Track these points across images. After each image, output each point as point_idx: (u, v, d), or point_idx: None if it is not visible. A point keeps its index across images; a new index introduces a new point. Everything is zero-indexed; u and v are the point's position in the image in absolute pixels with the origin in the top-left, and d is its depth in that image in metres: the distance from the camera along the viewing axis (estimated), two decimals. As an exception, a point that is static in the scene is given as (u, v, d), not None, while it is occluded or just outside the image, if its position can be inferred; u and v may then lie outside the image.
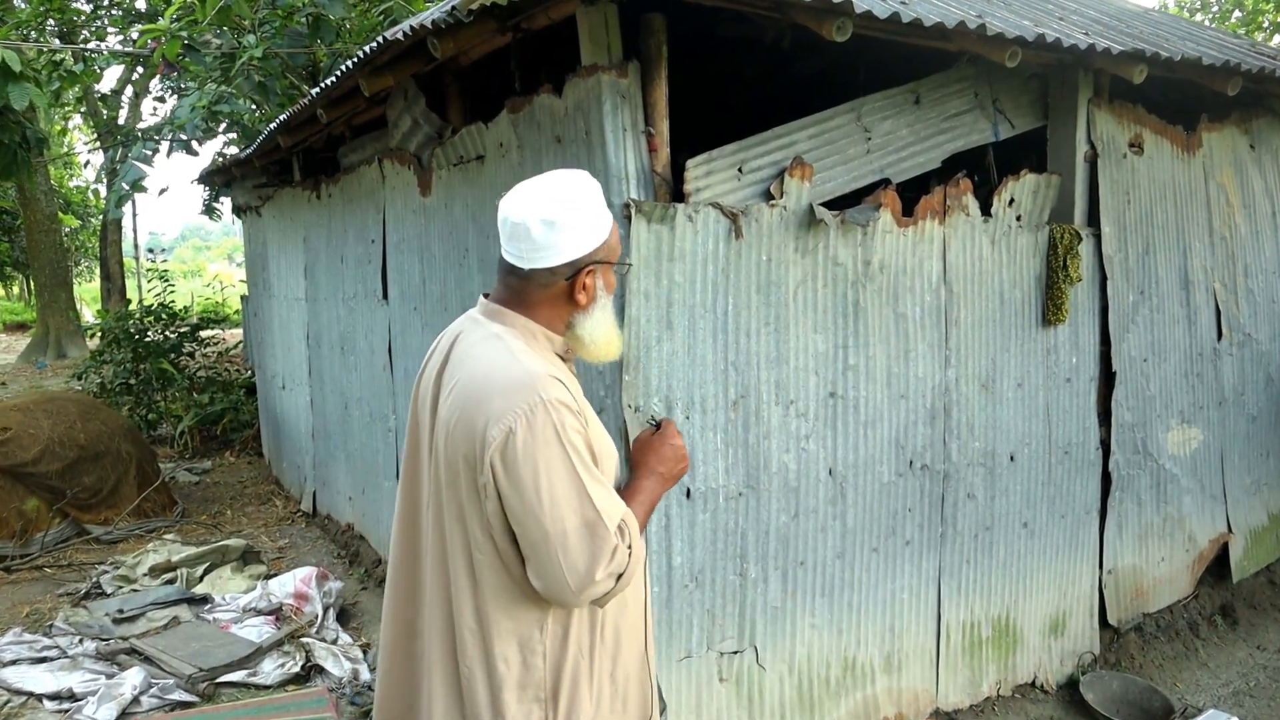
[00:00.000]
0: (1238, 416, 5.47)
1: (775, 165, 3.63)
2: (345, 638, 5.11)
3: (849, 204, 3.83)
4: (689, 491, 3.47)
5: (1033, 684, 4.56)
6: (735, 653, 3.63)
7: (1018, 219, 4.27)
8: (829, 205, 3.73)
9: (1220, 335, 5.29)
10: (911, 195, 4.00)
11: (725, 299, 3.49)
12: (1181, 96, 5.10)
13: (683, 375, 3.42)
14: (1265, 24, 15.46)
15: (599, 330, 2.07)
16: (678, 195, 3.44)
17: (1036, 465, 4.44)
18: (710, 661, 3.58)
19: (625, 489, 2.12)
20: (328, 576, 5.54)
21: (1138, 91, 4.67)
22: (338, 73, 4.56)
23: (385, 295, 5.60)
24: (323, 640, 4.94)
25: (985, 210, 4.17)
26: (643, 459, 2.19)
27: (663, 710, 3.41)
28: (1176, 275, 4.99)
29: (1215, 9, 16.54)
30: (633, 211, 3.29)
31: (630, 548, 1.93)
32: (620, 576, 1.91)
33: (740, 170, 3.57)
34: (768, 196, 3.58)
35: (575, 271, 2.01)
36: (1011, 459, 4.34)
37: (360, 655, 4.86)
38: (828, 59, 5.38)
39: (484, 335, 2.03)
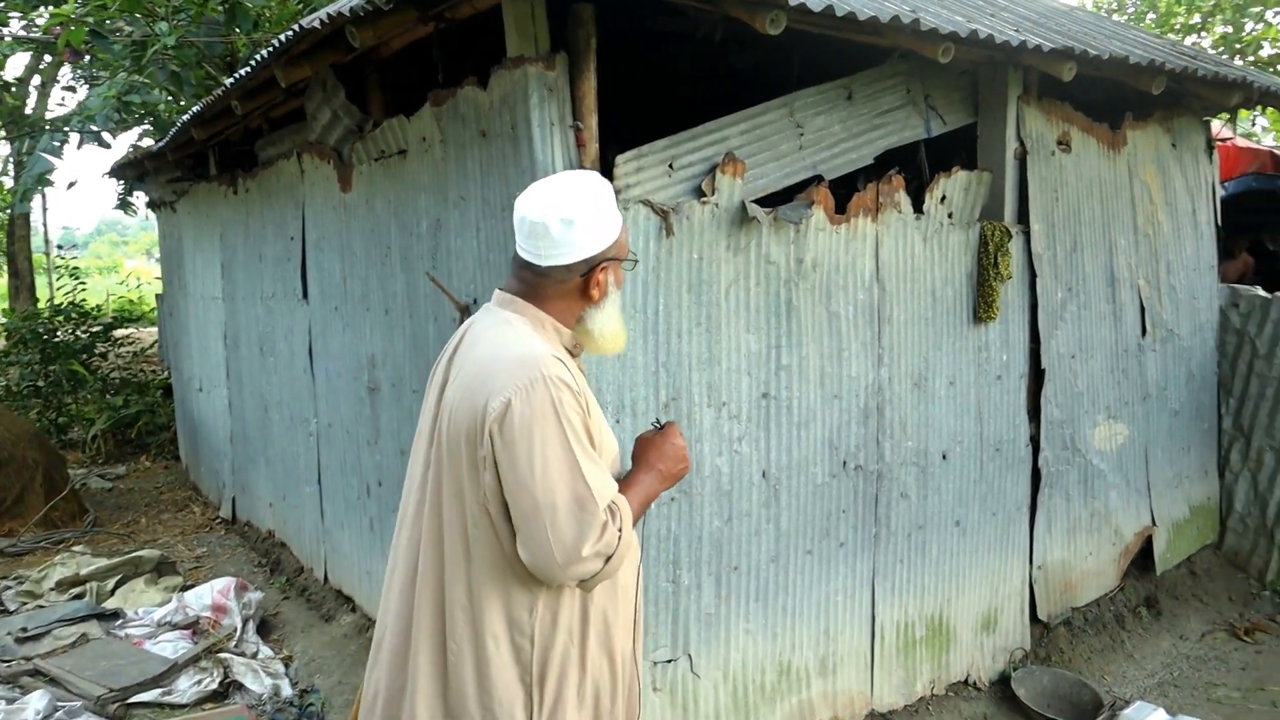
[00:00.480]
0: (1161, 411, 5.54)
1: (707, 161, 3.55)
2: (266, 651, 4.92)
3: (781, 201, 3.77)
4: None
5: (966, 682, 4.55)
6: (669, 661, 3.55)
7: (949, 216, 4.25)
8: (761, 202, 3.67)
9: (1144, 331, 5.35)
10: (844, 192, 3.95)
11: (656, 299, 3.41)
12: (1105, 95, 5.14)
13: (612, 378, 3.33)
14: (1178, 25, 15.85)
15: (609, 324, 2.15)
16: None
17: (969, 463, 4.43)
18: (643, 671, 3.49)
19: (623, 480, 2.14)
20: (247, 587, 5.34)
21: (1064, 90, 4.69)
22: (253, 62, 4.37)
23: (305, 294, 5.41)
24: (242, 655, 4.75)
25: (917, 207, 4.14)
26: (643, 456, 2.21)
27: None
28: (1103, 272, 5.03)
29: (1131, 10, 16.92)
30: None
31: (620, 530, 1.95)
32: (609, 559, 1.93)
33: (671, 166, 3.49)
34: (699, 193, 3.50)
35: (590, 269, 2.09)
36: (944, 457, 4.33)
37: (281, 669, 4.68)
38: (762, 53, 5.32)
39: (494, 321, 2.10)
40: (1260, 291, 6.01)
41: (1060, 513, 4.90)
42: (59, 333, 10.94)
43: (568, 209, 2.02)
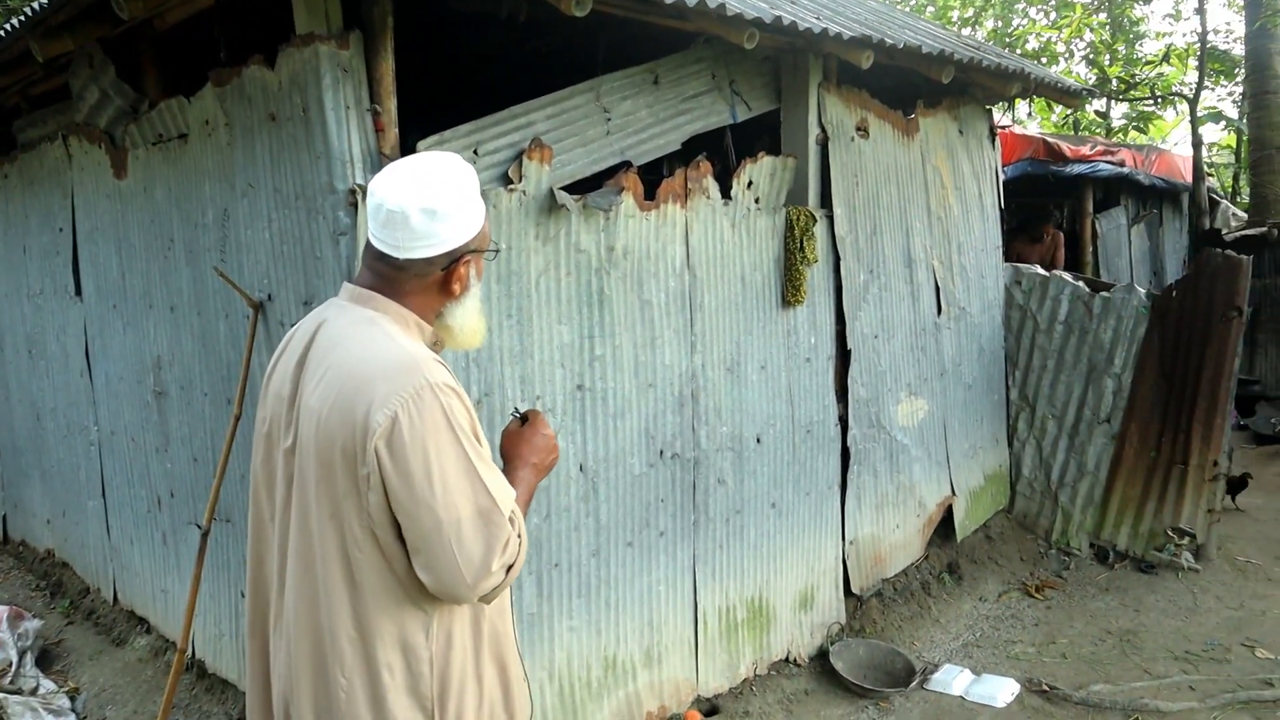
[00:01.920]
0: (956, 386, 5.81)
1: (513, 147, 3.44)
2: (48, 685, 4.49)
3: (591, 188, 3.69)
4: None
5: (787, 659, 4.64)
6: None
7: (756, 201, 4.28)
8: (570, 189, 3.59)
9: (940, 310, 5.59)
10: (653, 178, 3.92)
11: (465, 291, 3.26)
12: (896, 84, 5.32)
13: (421, 374, 3.16)
14: (953, 18, 16.76)
15: (469, 319, 1.99)
16: (410, 180, 3.18)
17: (782, 446, 4.50)
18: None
19: None
20: (23, 615, 4.85)
21: (861, 77, 4.82)
22: (2, 32, 3.94)
23: (79, 291, 4.95)
24: (18, 692, 4.31)
25: (725, 193, 4.16)
26: (515, 451, 2.05)
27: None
28: (901, 254, 5.22)
29: (912, 2, 17.77)
30: (359, 198, 3.01)
31: (520, 537, 1.83)
32: (510, 569, 1.81)
33: (476, 152, 3.36)
34: (506, 180, 3.39)
35: (452, 261, 1.91)
36: (758, 441, 4.38)
37: (67, 704, 4.28)
38: (572, 35, 5.22)
39: (355, 319, 1.88)
40: (1039, 269, 6.40)
41: (869, 489, 5.06)
42: None
43: (430, 198, 1.83)
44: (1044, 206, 10.38)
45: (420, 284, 1.91)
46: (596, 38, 4.56)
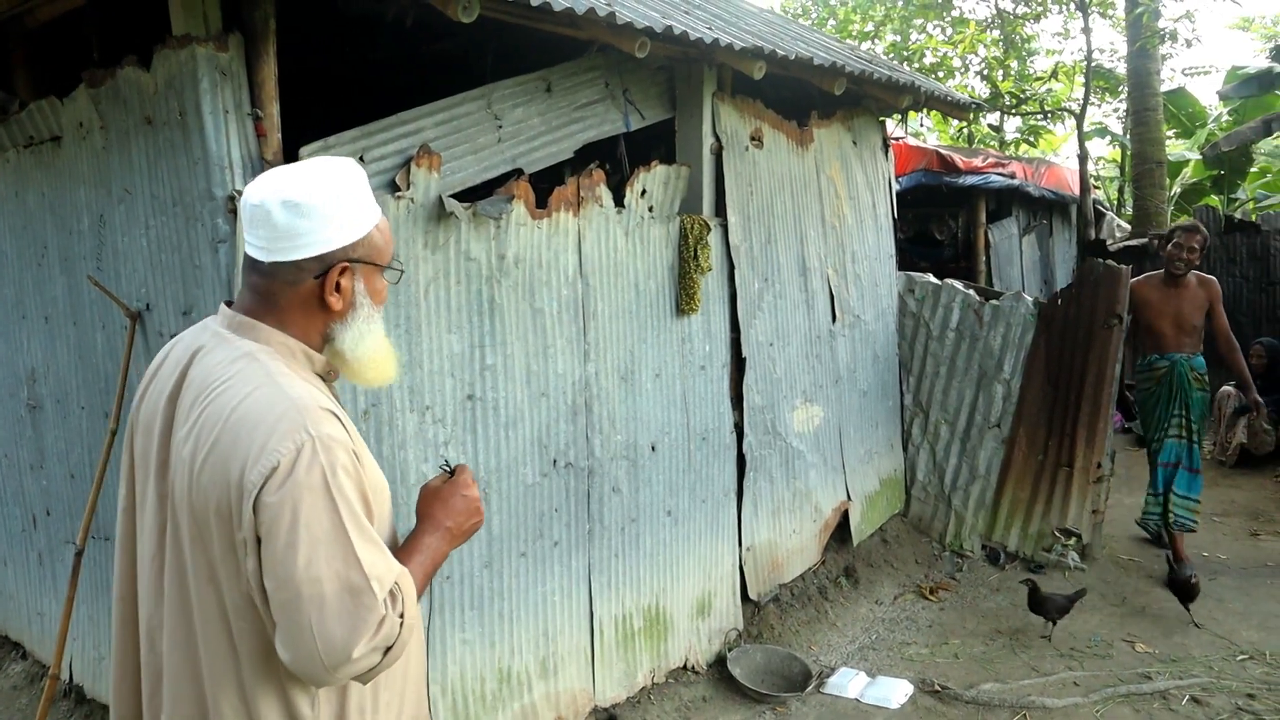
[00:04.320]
0: (851, 392, 5.92)
1: (401, 154, 3.39)
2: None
3: (482, 196, 3.66)
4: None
5: (685, 667, 4.65)
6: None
7: (650, 210, 4.30)
8: (460, 197, 3.55)
9: (834, 318, 5.69)
10: (546, 186, 3.90)
11: (349, 300, 3.20)
12: (793, 95, 5.41)
13: (305, 385, 3.10)
14: (855, 32, 17.11)
15: (363, 345, 1.77)
16: (293, 186, 3.11)
17: (677, 453, 4.52)
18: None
19: (406, 544, 1.80)
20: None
21: (756, 88, 4.88)
22: None
23: (-54, 301, 4.73)
24: (-124, 721, 4.10)
25: (619, 201, 4.16)
26: (429, 511, 1.85)
27: None
28: (795, 263, 5.29)
29: (814, 15, 18.11)
30: (238, 205, 2.92)
31: (402, 616, 1.61)
32: (389, 650, 1.59)
33: (363, 159, 3.30)
34: (394, 188, 3.34)
35: (326, 268, 1.71)
36: (653, 449, 4.39)
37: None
38: (465, 42, 5.17)
39: (233, 355, 1.69)
40: (932, 278, 6.55)
41: (765, 495, 5.11)
42: None
43: (293, 191, 1.66)
44: (940, 216, 10.68)
45: (294, 296, 1.72)
46: (486, 45, 4.53)
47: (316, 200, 1.68)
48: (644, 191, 4.25)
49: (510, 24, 3.48)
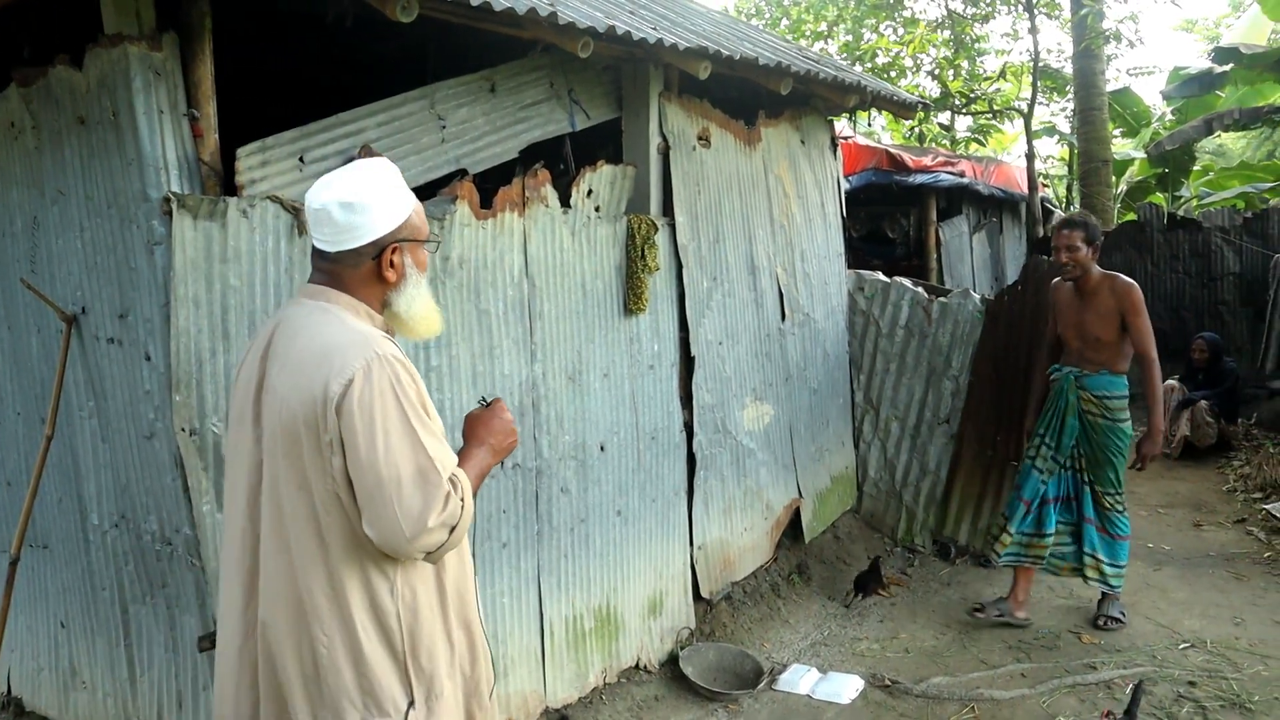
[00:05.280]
0: (801, 390, 5.95)
1: (342, 155, 3.38)
2: None
3: (426, 196, 3.64)
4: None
5: (637, 666, 4.65)
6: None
7: (596, 210, 4.30)
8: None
9: (784, 316, 5.71)
10: (491, 186, 3.88)
11: (291, 302, 3.18)
12: (742, 94, 5.43)
13: (245, 388, 3.06)
14: (808, 32, 17.23)
15: (415, 306, 2.20)
16: (232, 188, 3.08)
17: (626, 453, 4.52)
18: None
19: (458, 456, 2.17)
20: None
21: (704, 88, 4.89)
22: None
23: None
24: None
25: (565, 201, 4.15)
26: (473, 431, 2.26)
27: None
28: (744, 261, 5.31)
29: (767, 16, 18.20)
30: (174, 206, 2.90)
31: (463, 501, 2.01)
32: (454, 529, 1.99)
33: (302, 159, 3.28)
34: (334, 188, 3.30)
35: (380, 250, 2.13)
36: (602, 449, 4.38)
37: None
38: (406, 44, 5.13)
39: (309, 310, 2.11)
40: (881, 276, 6.61)
41: (716, 493, 5.13)
42: None
43: (345, 193, 2.07)
44: (892, 214, 10.79)
45: (357, 275, 2.13)
46: (428, 45, 4.51)
47: (366, 198, 2.08)
48: (590, 191, 4.25)
49: (456, 25, 3.46)
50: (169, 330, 2.93)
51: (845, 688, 4.58)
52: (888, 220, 11.10)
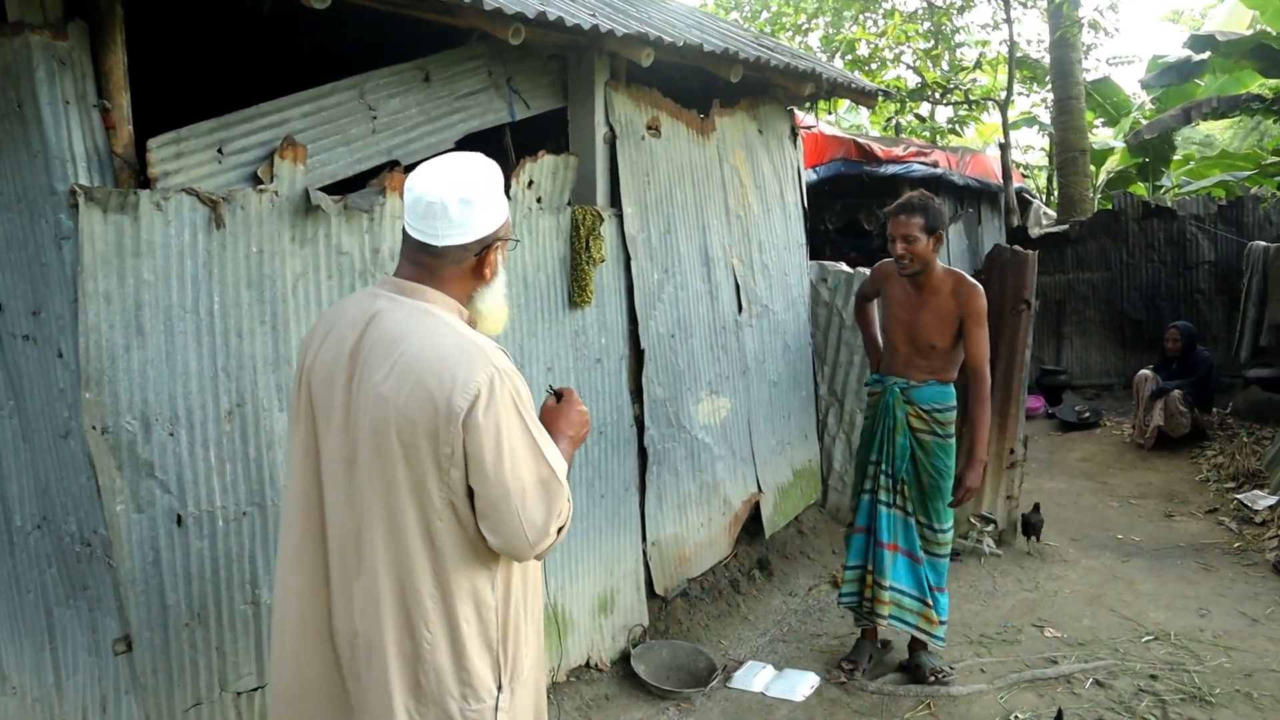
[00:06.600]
0: (760, 383, 5.87)
1: (265, 146, 3.28)
2: None
3: (359, 188, 3.56)
4: (180, 518, 3.06)
5: (587, 665, 4.57)
6: (256, 689, 3.27)
7: (538, 201, 4.22)
8: (333, 189, 3.44)
9: (741, 308, 5.63)
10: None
11: (210, 297, 3.09)
12: (699, 85, 5.34)
13: (161, 386, 2.99)
14: (788, 25, 17.14)
15: (496, 303, 2.25)
16: (147, 181, 3.00)
17: (573, 448, 4.44)
18: (226, 704, 3.20)
19: None
20: None
21: (660, 78, 4.81)
22: None
23: None
24: None
25: (505, 193, 4.05)
26: (554, 424, 2.30)
27: None
28: (698, 253, 5.23)
29: (746, 9, 18.11)
30: (81, 200, 2.81)
31: (568, 500, 2.12)
32: (562, 529, 2.11)
33: (221, 151, 3.19)
34: (256, 180, 3.22)
35: (484, 248, 2.15)
36: (547, 444, 4.30)
37: None
38: (341, 35, 5.05)
39: (410, 311, 2.11)
40: (844, 266, 6.54)
41: (670, 489, 5.05)
42: None
43: (466, 188, 2.08)
44: (869, 206, 10.70)
45: (457, 270, 2.15)
46: (368, 38, 4.42)
47: (482, 195, 2.11)
48: (531, 182, 4.17)
49: (388, 14, 3.38)
50: (75, 326, 2.85)
51: (800, 685, 4.53)
52: (864, 212, 11.01)
